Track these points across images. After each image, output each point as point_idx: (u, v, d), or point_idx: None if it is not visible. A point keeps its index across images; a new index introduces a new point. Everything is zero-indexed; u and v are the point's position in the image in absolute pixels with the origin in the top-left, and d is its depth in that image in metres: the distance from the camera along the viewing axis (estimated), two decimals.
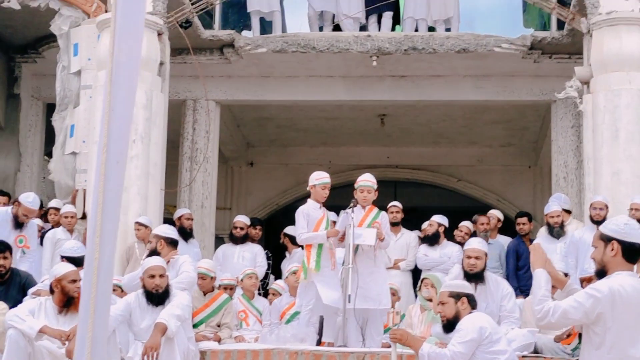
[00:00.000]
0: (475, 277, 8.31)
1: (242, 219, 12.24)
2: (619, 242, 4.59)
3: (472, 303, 6.36)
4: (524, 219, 11.66)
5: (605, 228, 4.69)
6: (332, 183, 9.90)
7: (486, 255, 8.44)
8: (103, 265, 2.31)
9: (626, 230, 4.60)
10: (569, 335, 7.91)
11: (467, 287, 6.54)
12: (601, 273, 4.68)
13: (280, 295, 10.30)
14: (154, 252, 8.46)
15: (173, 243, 8.62)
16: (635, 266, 4.70)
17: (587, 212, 10.77)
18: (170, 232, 8.74)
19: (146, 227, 10.52)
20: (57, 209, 12.02)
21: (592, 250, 9.67)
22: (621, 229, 4.61)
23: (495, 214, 12.14)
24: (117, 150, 2.36)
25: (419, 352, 6.14)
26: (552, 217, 10.92)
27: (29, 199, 10.45)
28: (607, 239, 4.64)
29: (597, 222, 10.30)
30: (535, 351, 8.27)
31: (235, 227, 12.03)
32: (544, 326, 4.68)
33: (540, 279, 4.71)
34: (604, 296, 4.43)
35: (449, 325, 6.31)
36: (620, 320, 4.41)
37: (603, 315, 4.42)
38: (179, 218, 11.63)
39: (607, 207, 10.41)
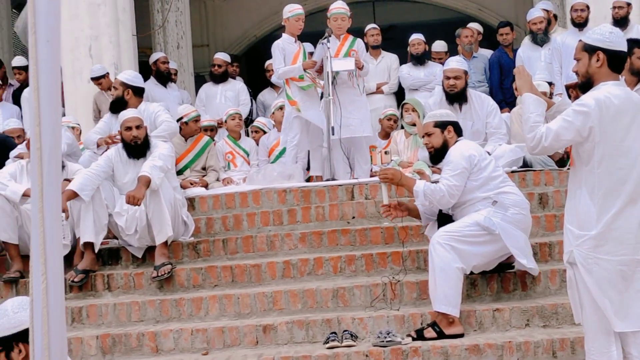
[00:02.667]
0: (457, 97, 8.17)
1: (221, 56, 11.89)
2: (604, 51, 4.40)
3: (458, 130, 6.23)
4: (507, 29, 11.40)
5: (589, 38, 4.49)
6: (305, 10, 9.63)
7: (466, 73, 8.25)
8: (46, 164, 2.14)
9: (611, 38, 4.41)
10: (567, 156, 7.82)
11: (450, 115, 6.40)
12: (586, 85, 4.51)
13: (264, 132, 10.19)
14: (119, 100, 8.19)
15: (140, 92, 8.32)
16: (620, 76, 4.54)
17: (569, 15, 10.55)
18: (137, 80, 8.36)
19: (103, 77, 10.30)
20: (23, 68, 11.80)
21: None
22: (606, 37, 4.42)
23: (475, 26, 11.84)
24: (46, 26, 2.14)
25: (414, 189, 6.04)
26: (535, 23, 10.68)
27: None
28: (591, 49, 4.45)
29: (579, 25, 10.15)
30: (525, 165, 8.23)
31: (214, 65, 11.75)
32: (538, 152, 4.54)
33: (529, 104, 4.54)
34: (592, 109, 4.29)
35: (437, 155, 6.19)
36: (609, 132, 4.29)
37: (593, 130, 4.29)
38: (155, 63, 11.38)
39: (588, 8, 10.19)
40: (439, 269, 5.75)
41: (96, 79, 10.32)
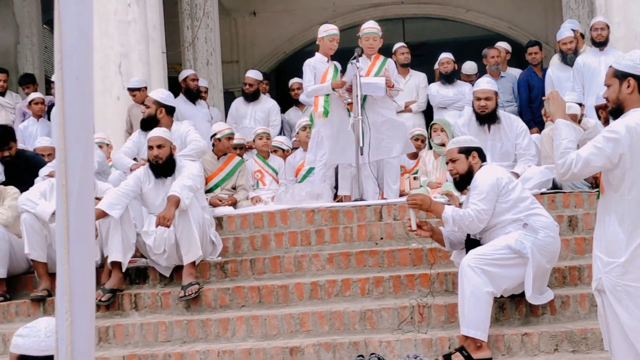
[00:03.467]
0: (487, 118, 8.15)
1: (252, 75, 11.75)
2: (635, 77, 4.37)
3: (482, 156, 6.21)
4: (535, 48, 11.34)
5: (620, 64, 4.46)
6: (338, 26, 9.63)
7: (496, 94, 8.23)
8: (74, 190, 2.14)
9: None
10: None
11: (474, 141, 6.38)
12: (617, 112, 4.48)
13: (283, 150, 10.20)
14: (152, 118, 8.24)
15: (172, 111, 8.39)
16: None
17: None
18: (170, 99, 8.45)
19: (140, 90, 10.34)
20: None
21: (598, 72, 9.51)
22: (637, 63, 4.38)
23: (503, 45, 11.79)
24: (74, 65, 2.14)
25: (442, 215, 6.02)
26: (565, 43, 10.60)
27: None
28: (622, 76, 4.41)
29: (599, 44, 10.07)
30: (554, 187, 8.17)
31: (245, 84, 11.71)
32: (568, 179, 4.52)
33: (561, 130, 4.51)
34: (622, 137, 4.26)
35: (463, 181, 6.16)
36: (639, 159, 4.26)
37: (623, 157, 4.25)
38: (184, 80, 11.42)
39: (608, 27, 10.13)
40: (469, 292, 5.71)
41: (132, 90, 10.35)
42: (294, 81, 12.08)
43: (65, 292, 2.09)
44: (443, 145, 8.76)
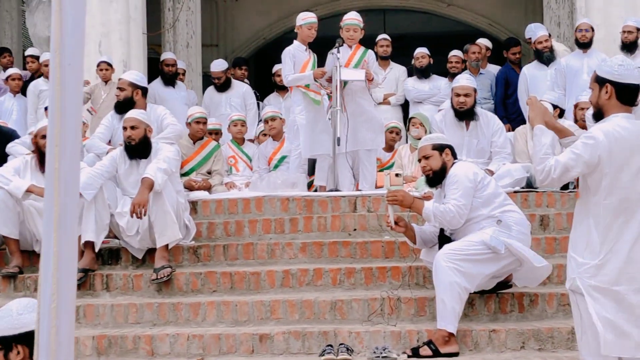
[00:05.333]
0: (466, 114, 8.20)
1: (216, 68, 11.59)
2: (612, 83, 4.44)
3: (454, 153, 6.27)
4: (518, 48, 11.42)
5: (600, 70, 4.54)
6: (318, 14, 9.62)
7: (475, 91, 8.28)
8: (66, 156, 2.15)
9: (620, 71, 4.44)
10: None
11: (446, 139, 6.45)
12: (598, 116, 4.57)
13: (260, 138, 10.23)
14: (129, 101, 8.20)
15: (146, 92, 8.36)
16: (634, 108, 4.57)
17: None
18: (144, 80, 8.38)
19: (112, 67, 10.32)
20: (35, 57, 11.81)
21: (580, 74, 9.59)
22: (615, 70, 4.45)
23: (484, 42, 11.83)
24: (67, 53, 2.15)
25: (423, 212, 6.06)
26: (540, 42, 10.63)
27: None
28: (601, 81, 4.49)
29: (583, 45, 10.13)
30: (529, 185, 8.24)
31: (214, 78, 11.62)
32: (548, 184, 4.60)
33: (540, 136, 4.57)
34: (600, 142, 4.33)
35: (436, 178, 6.20)
36: (616, 164, 4.33)
37: (601, 162, 4.32)
38: (161, 63, 11.38)
39: (592, 29, 10.19)
40: (443, 286, 5.78)
41: (104, 66, 10.29)
42: (278, 67, 12.05)
43: (53, 275, 2.10)
44: (419, 139, 8.78)
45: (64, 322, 2.14)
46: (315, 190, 8.80)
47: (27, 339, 3.32)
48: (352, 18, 9.05)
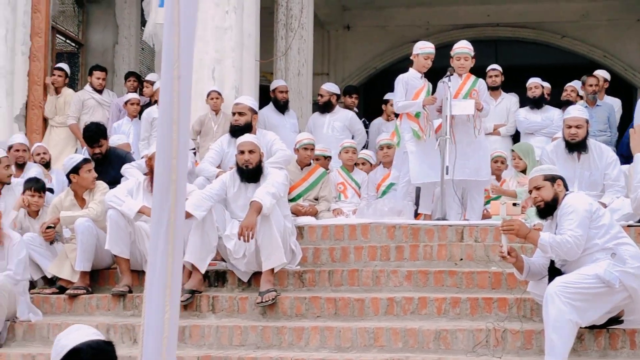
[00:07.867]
0: (577, 146, 8.04)
1: (326, 88, 11.77)
2: None
3: (566, 185, 6.15)
4: None
5: None
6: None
7: (587, 122, 8.12)
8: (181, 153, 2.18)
9: None
10: None
11: (557, 170, 6.34)
12: None
13: (371, 164, 10.20)
14: (248, 125, 8.33)
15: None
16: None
17: None
18: (257, 106, 8.62)
19: (221, 96, 10.46)
20: (151, 83, 12.07)
21: None
22: None
23: (602, 74, 11.60)
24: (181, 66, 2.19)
25: (539, 242, 5.93)
26: None
27: None
28: None
29: None
30: None
31: (319, 95, 11.73)
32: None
33: (638, 164, 4.46)
34: None
35: (547, 209, 6.08)
36: None
37: None
38: (274, 90, 11.53)
39: None
40: (553, 320, 5.65)
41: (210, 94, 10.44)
42: (390, 96, 12.04)
43: (168, 286, 2.13)
44: (523, 172, 8.79)
45: (172, 332, 2.17)
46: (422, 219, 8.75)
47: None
48: (463, 47, 9.02)
